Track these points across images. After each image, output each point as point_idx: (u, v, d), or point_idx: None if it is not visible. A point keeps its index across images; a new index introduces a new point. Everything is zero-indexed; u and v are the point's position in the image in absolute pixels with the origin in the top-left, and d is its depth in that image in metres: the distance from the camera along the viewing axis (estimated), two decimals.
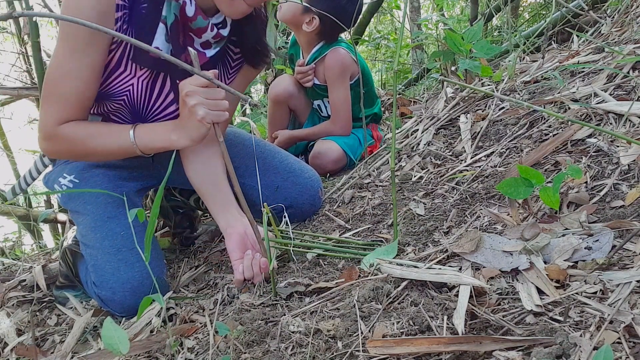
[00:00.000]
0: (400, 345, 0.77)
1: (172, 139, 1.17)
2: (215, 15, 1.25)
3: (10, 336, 1.28)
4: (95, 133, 1.20)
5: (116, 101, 1.24)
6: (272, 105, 2.15)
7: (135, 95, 1.24)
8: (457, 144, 1.65)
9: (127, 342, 0.76)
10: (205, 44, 1.26)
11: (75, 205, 1.34)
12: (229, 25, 1.28)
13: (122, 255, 1.24)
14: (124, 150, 1.22)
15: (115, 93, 1.22)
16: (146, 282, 1.23)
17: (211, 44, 1.27)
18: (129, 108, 1.27)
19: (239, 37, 1.34)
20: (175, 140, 1.17)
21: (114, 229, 1.27)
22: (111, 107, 1.26)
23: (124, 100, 1.24)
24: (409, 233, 1.23)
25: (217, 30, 1.25)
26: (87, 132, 1.20)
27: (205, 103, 1.10)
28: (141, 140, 1.20)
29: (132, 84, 1.22)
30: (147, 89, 1.25)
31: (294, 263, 1.23)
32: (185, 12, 1.17)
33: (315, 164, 1.94)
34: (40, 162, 1.44)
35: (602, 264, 0.87)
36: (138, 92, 1.24)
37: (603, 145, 1.23)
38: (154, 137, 1.20)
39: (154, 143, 1.21)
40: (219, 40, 1.29)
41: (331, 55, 1.93)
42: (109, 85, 1.21)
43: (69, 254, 1.42)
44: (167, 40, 1.19)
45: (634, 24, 1.90)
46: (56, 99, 1.16)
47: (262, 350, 0.88)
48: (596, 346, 0.70)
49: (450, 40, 1.81)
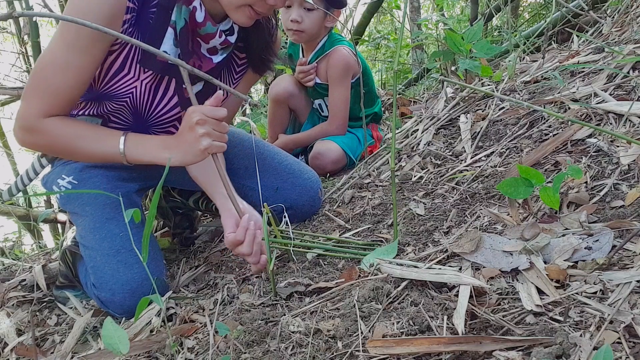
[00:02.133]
0: (400, 345, 0.77)
1: (164, 157, 1.16)
2: (223, 22, 1.25)
3: (10, 336, 1.28)
4: (82, 134, 1.18)
5: (118, 102, 1.24)
6: (272, 105, 2.15)
7: (138, 98, 1.24)
8: (457, 144, 1.65)
9: (127, 342, 0.77)
10: (211, 49, 1.26)
11: (74, 207, 1.34)
12: (236, 32, 1.28)
13: (121, 257, 1.24)
14: (109, 157, 1.20)
15: (118, 95, 1.22)
16: (146, 283, 1.23)
17: (218, 50, 1.27)
18: (131, 110, 1.26)
19: (246, 44, 1.34)
20: (166, 159, 1.16)
21: (112, 230, 1.27)
22: (112, 108, 1.26)
23: (126, 102, 1.24)
24: (409, 233, 1.23)
25: (224, 37, 1.25)
26: (73, 132, 1.18)
27: (211, 134, 1.11)
28: (130, 152, 1.18)
29: (135, 87, 1.22)
30: (151, 92, 1.25)
31: (294, 263, 1.23)
32: (195, 18, 1.17)
33: (315, 164, 1.94)
34: (38, 162, 1.43)
35: (602, 264, 0.87)
36: (141, 94, 1.23)
37: (603, 145, 1.23)
38: (144, 151, 1.19)
39: (144, 157, 1.19)
40: (226, 47, 1.29)
41: (335, 54, 1.92)
42: (112, 86, 1.20)
43: (69, 255, 1.42)
44: (176, 45, 1.19)
45: (634, 24, 1.90)
46: (44, 91, 1.14)
47: (262, 350, 0.88)
48: (596, 346, 0.70)
49: (450, 40, 1.81)
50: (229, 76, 1.38)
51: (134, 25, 1.14)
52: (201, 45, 1.24)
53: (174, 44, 1.19)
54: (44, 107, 1.15)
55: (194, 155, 1.14)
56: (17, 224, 3.34)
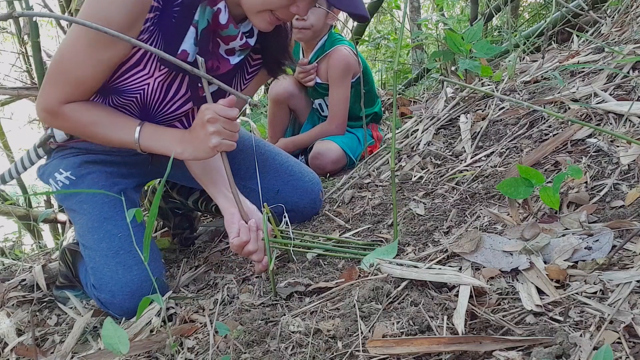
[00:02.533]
0: (400, 345, 0.77)
1: (176, 151, 1.18)
2: (243, 23, 1.25)
3: (10, 336, 1.28)
4: (99, 122, 1.21)
5: (127, 98, 1.23)
6: (272, 105, 2.15)
7: (149, 95, 1.24)
8: (457, 144, 1.65)
9: (127, 342, 0.77)
10: (229, 50, 1.27)
11: (72, 204, 1.34)
12: (255, 34, 1.29)
13: (120, 258, 1.24)
14: (125, 144, 1.24)
15: (128, 90, 1.22)
16: (145, 284, 1.23)
17: (235, 52, 1.28)
18: (139, 106, 1.27)
19: (263, 47, 1.34)
20: (179, 153, 1.19)
21: (111, 230, 1.27)
22: (119, 102, 1.25)
23: (136, 98, 1.24)
24: (409, 233, 1.23)
25: (245, 40, 1.25)
26: (91, 119, 1.21)
27: (222, 133, 1.14)
28: (145, 142, 1.22)
29: (147, 84, 1.22)
30: (162, 90, 1.25)
31: (294, 263, 1.23)
32: (219, 19, 1.18)
33: (315, 164, 1.94)
34: (35, 152, 1.42)
35: (602, 264, 0.87)
36: (152, 91, 1.24)
37: (603, 145, 1.23)
38: (158, 143, 1.22)
39: (157, 148, 1.23)
40: (245, 49, 1.29)
41: (335, 54, 1.93)
42: (123, 81, 1.20)
43: (69, 254, 1.41)
44: (196, 44, 1.19)
45: (634, 24, 1.90)
46: (65, 81, 1.16)
47: (262, 350, 0.88)
48: (596, 346, 0.70)
49: (450, 40, 1.81)
50: (241, 76, 1.38)
51: (156, 23, 1.14)
52: (220, 45, 1.24)
53: (194, 42, 1.19)
54: (64, 95, 1.18)
55: (204, 152, 1.17)
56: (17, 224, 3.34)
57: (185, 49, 1.18)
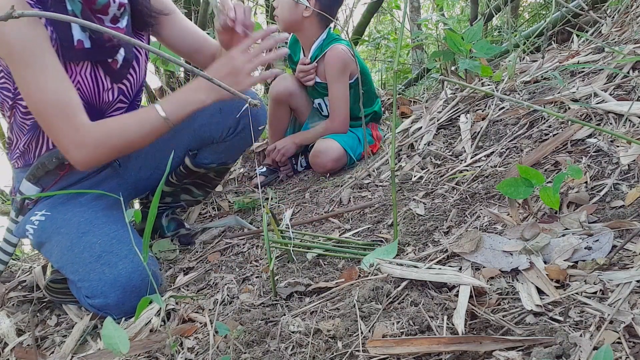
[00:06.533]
0: (400, 345, 0.77)
1: (202, 99, 1.24)
2: None
3: (10, 336, 1.28)
4: (122, 126, 1.23)
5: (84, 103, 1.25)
6: (272, 105, 2.15)
7: (86, 90, 1.27)
8: (457, 144, 1.65)
9: (127, 342, 0.76)
10: (113, 19, 1.29)
11: (49, 234, 1.32)
12: None
13: (104, 260, 1.24)
14: (156, 130, 1.24)
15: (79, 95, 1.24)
16: (133, 275, 1.23)
17: (118, 17, 1.30)
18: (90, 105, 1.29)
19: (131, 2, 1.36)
20: (205, 99, 1.24)
21: (90, 240, 1.27)
22: None
23: (85, 101, 1.26)
24: (409, 233, 1.23)
25: (118, 1, 1.27)
26: (112, 131, 1.22)
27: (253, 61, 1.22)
28: (172, 113, 1.23)
29: (78, 82, 1.25)
30: (92, 81, 1.28)
31: (294, 263, 1.23)
32: None
33: (315, 162, 1.94)
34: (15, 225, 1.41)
35: (602, 264, 0.87)
36: (86, 87, 1.27)
37: (603, 145, 1.23)
38: (184, 104, 1.24)
39: (186, 109, 1.24)
40: (124, 11, 1.31)
41: (331, 52, 1.93)
42: None
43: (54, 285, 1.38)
44: (84, 31, 1.22)
45: (634, 24, 1.90)
46: (58, 112, 1.17)
47: (262, 350, 0.88)
48: (596, 346, 0.70)
49: (450, 40, 1.81)
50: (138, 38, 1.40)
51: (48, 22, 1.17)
52: (103, 19, 1.26)
53: (82, 29, 1.21)
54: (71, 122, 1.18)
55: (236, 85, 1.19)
56: None
57: (79, 38, 1.21)
